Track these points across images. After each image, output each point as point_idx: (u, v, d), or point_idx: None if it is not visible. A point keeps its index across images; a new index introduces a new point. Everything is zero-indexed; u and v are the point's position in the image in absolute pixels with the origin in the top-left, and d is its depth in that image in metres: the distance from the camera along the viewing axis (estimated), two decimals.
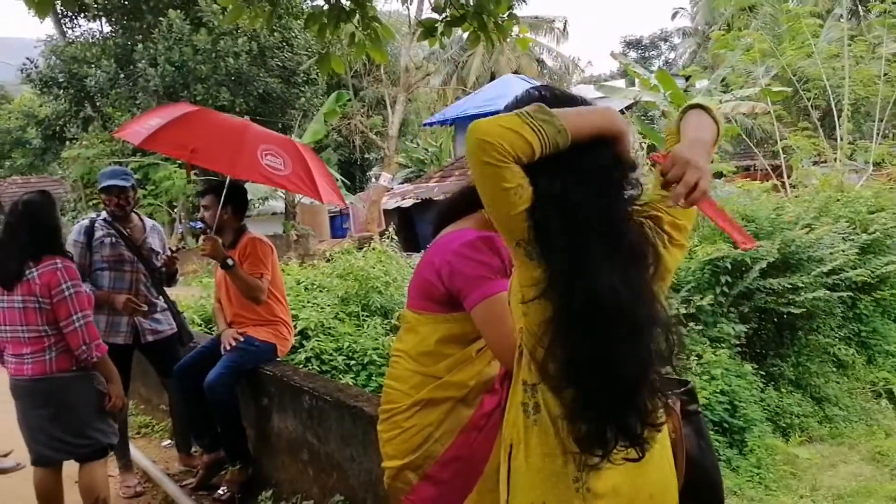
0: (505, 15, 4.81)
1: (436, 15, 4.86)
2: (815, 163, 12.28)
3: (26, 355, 3.40)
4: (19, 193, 3.99)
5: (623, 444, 1.47)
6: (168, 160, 18.38)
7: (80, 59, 20.77)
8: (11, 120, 28.71)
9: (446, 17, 4.78)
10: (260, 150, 3.85)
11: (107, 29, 22.31)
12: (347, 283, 6.67)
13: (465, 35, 4.91)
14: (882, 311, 7.66)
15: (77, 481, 3.67)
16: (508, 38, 5.15)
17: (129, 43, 20.80)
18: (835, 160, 11.15)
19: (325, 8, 4.86)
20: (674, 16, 41.16)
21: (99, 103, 21.10)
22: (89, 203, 20.66)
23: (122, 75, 20.42)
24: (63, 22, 22.09)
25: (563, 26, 33.73)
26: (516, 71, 28.18)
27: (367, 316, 6.29)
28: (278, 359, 4.34)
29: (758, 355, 6.38)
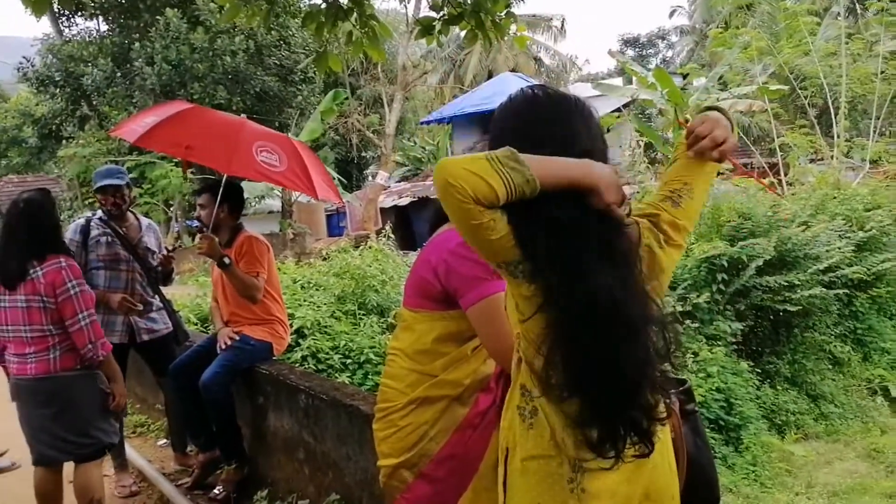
0: (502, 13, 4.80)
1: (433, 13, 4.85)
2: (811, 160, 12.32)
3: (29, 355, 3.38)
4: (16, 192, 3.98)
5: (633, 441, 1.48)
6: (164, 159, 18.36)
7: (77, 57, 20.73)
8: (8, 119, 28.65)
9: (444, 15, 4.77)
10: (255, 147, 3.84)
11: (103, 27, 22.29)
12: (344, 281, 6.67)
13: (463, 33, 4.90)
14: (878, 309, 7.68)
15: (71, 481, 3.66)
16: (506, 37, 5.14)
17: (125, 41, 20.77)
18: (831, 158, 11.17)
19: (322, 6, 4.85)
20: (671, 14, 41.26)
21: (95, 102, 21.07)
22: (85, 202, 20.65)
23: (118, 74, 20.39)
24: (60, 20, 22.05)
25: (561, 24, 33.73)
26: (514, 69, 28.19)
27: (363, 314, 6.29)
28: (274, 357, 4.33)
29: (754, 353, 6.39)
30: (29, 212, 3.42)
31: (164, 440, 5.21)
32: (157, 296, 4.52)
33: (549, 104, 1.61)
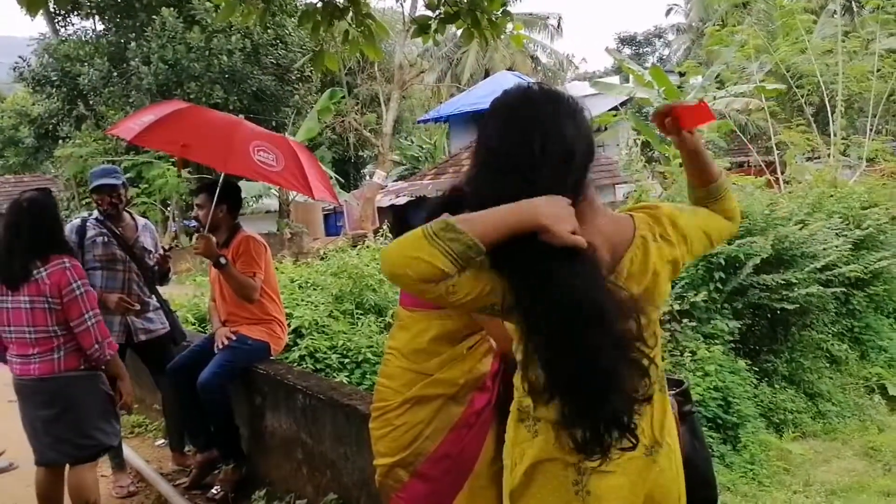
0: (499, 12, 4.79)
1: (430, 12, 4.85)
2: (808, 159, 12.33)
3: (33, 355, 3.36)
4: (13, 192, 3.97)
5: (615, 437, 1.48)
6: (161, 158, 18.34)
7: (73, 57, 20.70)
8: (4, 119, 28.65)
9: (440, 14, 4.77)
10: (252, 146, 3.83)
11: (100, 27, 22.27)
12: (341, 281, 6.65)
13: (459, 32, 4.89)
14: (875, 307, 7.67)
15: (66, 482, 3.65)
16: (503, 36, 5.14)
17: (122, 41, 20.73)
18: (828, 156, 11.18)
19: (318, 5, 4.84)
20: (668, 12, 41.12)
21: (92, 102, 21.03)
22: (82, 202, 20.62)
23: (115, 73, 20.35)
24: (55, 20, 22.00)
25: (558, 23, 33.74)
26: (511, 68, 28.18)
27: (361, 314, 6.28)
28: (272, 357, 4.32)
29: (751, 351, 6.38)
30: (32, 212, 3.40)
31: (162, 440, 5.20)
32: (153, 296, 4.51)
33: (545, 103, 1.60)
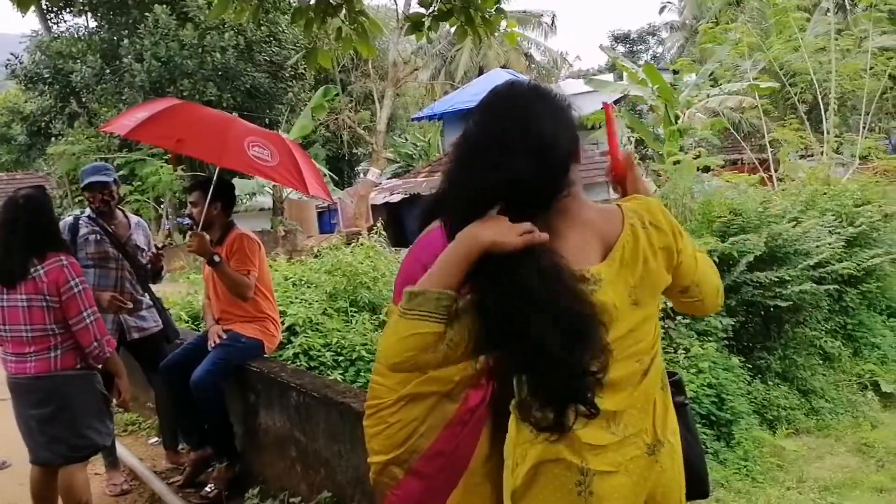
0: (492, 9, 4.79)
1: (423, 9, 4.84)
2: (802, 156, 12.36)
3: (30, 354, 3.34)
4: (6, 190, 3.95)
5: (578, 411, 1.49)
6: (155, 156, 18.28)
7: (66, 54, 20.64)
8: None
9: (433, 11, 4.76)
10: (247, 142, 3.83)
11: (92, 24, 22.20)
12: (335, 278, 6.64)
13: (453, 30, 4.88)
14: (868, 304, 7.70)
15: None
16: (496, 33, 5.14)
17: (114, 38, 20.69)
18: (821, 154, 11.20)
19: (311, 2, 4.83)
20: (661, 10, 41.17)
21: (84, 99, 20.97)
22: (75, 199, 20.54)
23: (107, 71, 20.29)
24: (48, 17, 21.93)
25: (552, 21, 33.77)
26: (504, 65, 28.14)
27: (355, 311, 6.27)
28: (266, 355, 4.32)
29: (745, 348, 6.40)
30: (29, 209, 3.38)
31: (156, 438, 5.19)
32: (146, 294, 4.50)
33: (539, 102, 1.59)
